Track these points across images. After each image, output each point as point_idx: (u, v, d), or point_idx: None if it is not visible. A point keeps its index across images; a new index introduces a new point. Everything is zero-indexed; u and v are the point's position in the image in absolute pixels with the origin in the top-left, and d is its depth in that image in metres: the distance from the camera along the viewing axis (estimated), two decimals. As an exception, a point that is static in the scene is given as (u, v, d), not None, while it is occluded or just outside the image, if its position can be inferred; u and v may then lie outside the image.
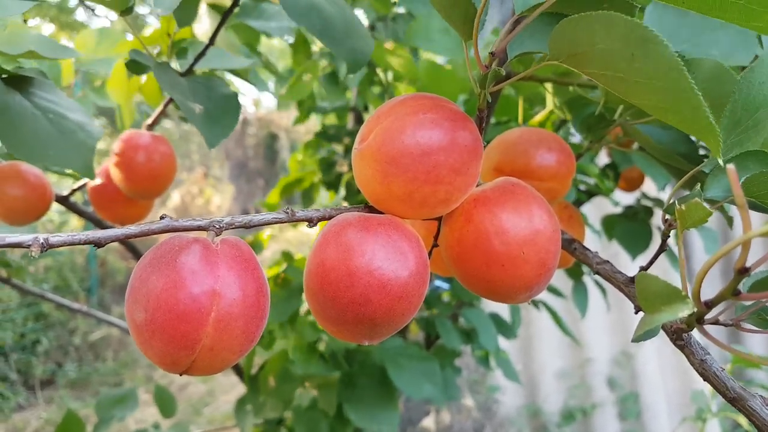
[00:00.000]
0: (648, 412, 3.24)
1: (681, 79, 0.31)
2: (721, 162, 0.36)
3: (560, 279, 1.65)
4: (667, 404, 3.27)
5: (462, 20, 0.45)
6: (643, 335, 0.38)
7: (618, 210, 1.44)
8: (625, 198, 1.56)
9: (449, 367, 1.58)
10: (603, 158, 1.60)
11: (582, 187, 1.37)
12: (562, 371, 3.44)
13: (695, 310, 0.38)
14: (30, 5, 0.66)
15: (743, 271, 0.32)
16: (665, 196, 1.45)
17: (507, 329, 1.67)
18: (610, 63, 0.35)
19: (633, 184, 1.35)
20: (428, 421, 3.22)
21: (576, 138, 1.17)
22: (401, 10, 1.78)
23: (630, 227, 1.36)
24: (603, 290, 1.59)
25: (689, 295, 0.35)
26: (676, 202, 0.41)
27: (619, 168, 1.28)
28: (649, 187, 1.44)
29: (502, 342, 1.76)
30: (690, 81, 0.31)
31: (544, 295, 1.94)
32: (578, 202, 1.38)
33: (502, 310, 1.95)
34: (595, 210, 2.15)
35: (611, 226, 1.42)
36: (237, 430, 1.57)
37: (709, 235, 1.44)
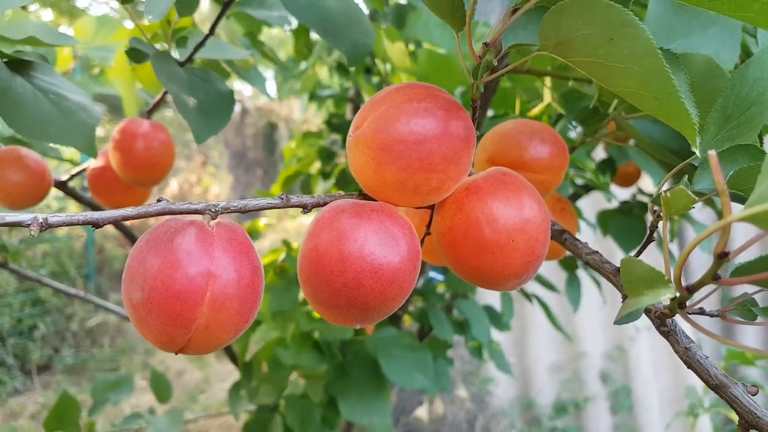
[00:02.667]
0: (640, 406, 3.28)
1: (655, 63, 0.32)
2: (696, 151, 0.37)
3: (555, 273, 1.66)
4: (658, 398, 3.30)
5: (450, 11, 0.46)
6: (625, 317, 0.39)
7: (615, 205, 1.45)
8: (621, 193, 1.57)
9: (442, 358, 1.59)
10: (600, 153, 1.60)
11: (579, 182, 1.37)
12: (555, 365, 3.47)
13: (677, 294, 0.39)
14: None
15: (723, 256, 0.33)
16: (661, 192, 1.45)
17: (500, 321, 1.69)
18: (591, 49, 0.35)
19: (629, 180, 1.35)
20: (421, 411, 3.25)
21: (574, 135, 1.17)
22: (403, 0, 1.77)
23: (624, 223, 1.37)
24: (598, 284, 1.60)
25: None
26: (662, 191, 0.41)
27: (615, 163, 1.29)
28: (646, 183, 1.44)
29: (496, 334, 1.77)
30: (665, 66, 0.32)
31: (537, 289, 1.95)
32: (575, 197, 1.38)
33: (496, 302, 1.96)
34: (593, 206, 2.17)
35: (606, 221, 1.43)
36: (231, 417, 1.59)
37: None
